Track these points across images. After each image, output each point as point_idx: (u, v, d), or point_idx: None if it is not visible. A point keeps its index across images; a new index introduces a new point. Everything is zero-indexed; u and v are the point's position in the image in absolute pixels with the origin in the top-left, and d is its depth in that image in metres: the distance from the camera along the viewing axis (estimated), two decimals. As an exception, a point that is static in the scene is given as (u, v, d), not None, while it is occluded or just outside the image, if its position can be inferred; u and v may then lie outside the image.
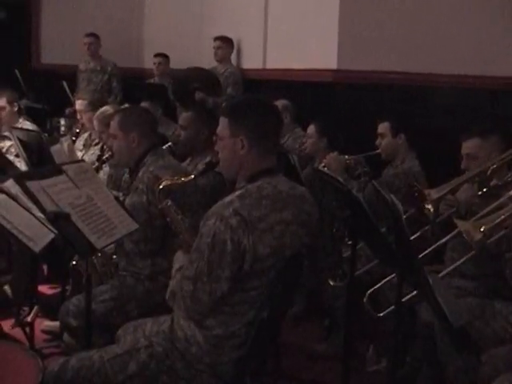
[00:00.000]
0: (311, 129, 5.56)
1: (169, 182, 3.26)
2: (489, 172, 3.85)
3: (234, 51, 8.19)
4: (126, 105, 6.23)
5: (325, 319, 4.97)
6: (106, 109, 5.42)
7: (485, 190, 3.84)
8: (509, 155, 3.89)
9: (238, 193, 2.82)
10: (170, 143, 5.19)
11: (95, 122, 5.45)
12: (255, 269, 2.76)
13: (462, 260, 3.56)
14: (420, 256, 3.63)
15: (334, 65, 6.29)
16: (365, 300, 3.68)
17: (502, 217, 3.15)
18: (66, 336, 4.03)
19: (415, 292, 3.34)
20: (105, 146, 5.38)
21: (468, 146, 4.01)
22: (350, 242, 3.87)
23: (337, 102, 6.20)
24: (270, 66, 7.57)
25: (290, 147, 6.07)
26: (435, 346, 3.53)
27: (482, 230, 3.12)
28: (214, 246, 2.70)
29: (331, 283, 4.35)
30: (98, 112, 5.44)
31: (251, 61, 7.92)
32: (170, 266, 3.10)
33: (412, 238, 3.93)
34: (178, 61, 8.58)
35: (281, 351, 4.25)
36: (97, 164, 4.88)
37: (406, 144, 5.15)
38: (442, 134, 5.79)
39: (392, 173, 5.02)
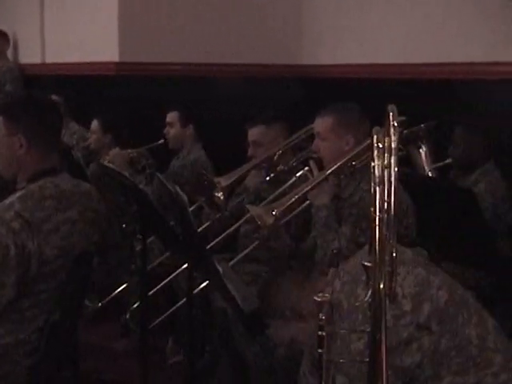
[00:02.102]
0: (95, 124, 5.51)
1: None
2: (275, 158, 3.98)
3: (11, 46, 7.92)
4: None
5: (121, 316, 4.94)
6: None
7: (272, 175, 3.97)
8: (293, 141, 4.05)
9: (18, 194, 2.74)
10: None
11: None
12: (43, 272, 2.70)
13: (252, 245, 3.66)
14: (210, 245, 3.71)
15: (115, 57, 6.24)
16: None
17: (293, 199, 3.26)
18: None
19: (206, 282, 3.41)
20: None
21: (253, 133, 4.14)
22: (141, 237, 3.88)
23: (121, 96, 6.15)
24: (49, 60, 7.38)
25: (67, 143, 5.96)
26: (232, 334, 3.62)
27: (273, 213, 3.20)
28: (-3, 252, 2.61)
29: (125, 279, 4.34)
30: None
31: (29, 55, 7.69)
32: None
33: (203, 227, 4.02)
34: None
35: (79, 353, 4.18)
36: None
37: (195, 134, 5.22)
38: (229, 124, 5.90)
39: (179, 164, 5.08)
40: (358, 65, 5.95)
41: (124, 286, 4.39)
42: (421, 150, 4.68)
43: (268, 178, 3.99)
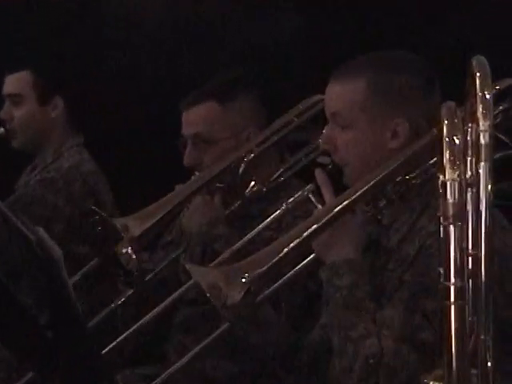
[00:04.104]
0: None
1: None
2: (241, 168, 4.02)
3: None
4: None
5: None
6: None
7: (237, 204, 4.03)
8: (277, 131, 4.10)
9: None
10: None
11: None
12: None
13: (199, 346, 3.70)
14: (109, 347, 3.79)
15: None
16: None
17: (282, 253, 3.22)
18: None
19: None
20: None
21: (194, 118, 4.17)
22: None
23: None
24: None
25: None
26: None
27: (243, 280, 3.16)
28: None
29: None
30: None
31: None
32: None
33: (98, 318, 4.10)
34: None
35: None
36: None
37: (68, 119, 5.26)
38: (143, 99, 5.99)
39: (37, 179, 5.10)
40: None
41: None
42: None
43: (228, 211, 4.06)
